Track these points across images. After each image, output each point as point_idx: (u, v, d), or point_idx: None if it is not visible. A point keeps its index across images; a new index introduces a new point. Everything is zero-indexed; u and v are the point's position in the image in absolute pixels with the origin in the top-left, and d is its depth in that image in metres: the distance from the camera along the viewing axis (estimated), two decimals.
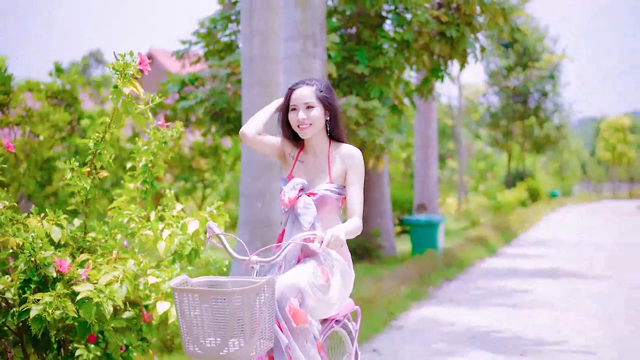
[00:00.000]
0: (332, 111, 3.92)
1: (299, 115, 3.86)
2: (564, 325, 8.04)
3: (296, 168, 4.00)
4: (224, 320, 3.28)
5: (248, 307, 3.26)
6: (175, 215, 5.80)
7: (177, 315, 3.44)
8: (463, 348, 7.08)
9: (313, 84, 3.93)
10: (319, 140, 3.96)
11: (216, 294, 3.27)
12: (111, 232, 5.45)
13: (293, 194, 3.87)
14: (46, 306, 4.72)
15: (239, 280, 3.58)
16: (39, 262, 5.02)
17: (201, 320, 3.33)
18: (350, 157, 3.89)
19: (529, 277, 11.75)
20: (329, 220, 3.90)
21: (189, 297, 3.33)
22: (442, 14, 10.88)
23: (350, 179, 3.87)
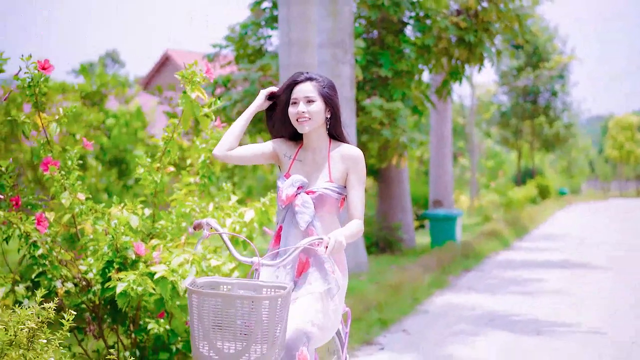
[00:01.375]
0: (333, 108, 3.83)
1: (299, 108, 3.76)
2: (575, 310, 8.73)
3: (294, 167, 3.89)
4: (249, 325, 3.16)
5: (274, 313, 3.15)
6: (231, 206, 6.50)
7: (192, 318, 3.26)
8: (484, 329, 7.78)
9: (315, 79, 3.83)
10: (318, 138, 3.86)
11: (243, 299, 3.14)
12: (177, 220, 6.16)
13: (291, 190, 3.76)
14: (131, 283, 5.41)
15: (245, 283, 3.43)
16: (120, 246, 5.72)
17: (221, 324, 3.18)
18: (351, 158, 3.81)
19: (542, 268, 12.45)
20: (328, 220, 3.80)
21: (209, 300, 3.17)
22: (461, 21, 11.58)
23: (352, 181, 3.79)
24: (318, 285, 3.69)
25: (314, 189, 3.78)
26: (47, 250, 5.73)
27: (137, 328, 6.01)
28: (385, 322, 7.89)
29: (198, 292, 3.20)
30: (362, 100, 11.72)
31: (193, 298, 3.23)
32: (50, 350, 4.11)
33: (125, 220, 5.69)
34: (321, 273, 3.72)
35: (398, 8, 11.68)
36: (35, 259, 5.73)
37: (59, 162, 5.92)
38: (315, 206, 3.76)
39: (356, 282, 9.40)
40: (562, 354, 6.69)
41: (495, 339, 7.31)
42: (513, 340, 7.23)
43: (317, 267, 3.73)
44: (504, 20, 11.74)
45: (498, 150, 40.95)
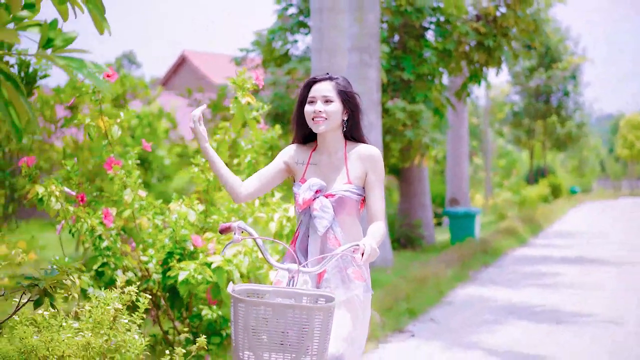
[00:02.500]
0: (351, 110, 3.68)
1: (316, 107, 3.61)
2: (592, 302, 9.23)
3: (309, 171, 3.73)
4: (299, 336, 3.02)
5: (326, 324, 3.02)
6: (276, 202, 7.04)
7: (235, 326, 3.09)
8: (506, 318, 8.30)
9: (335, 79, 3.70)
10: (334, 139, 3.70)
11: (294, 308, 2.99)
12: (228, 215, 6.70)
13: (308, 194, 3.59)
14: (191, 272, 5.96)
15: (283, 291, 3.28)
16: (179, 238, 6.26)
17: (269, 335, 3.03)
18: (370, 158, 3.67)
19: (558, 263, 12.96)
20: (348, 223, 3.64)
21: (258, 309, 3.00)
22: (481, 26, 12.10)
23: (372, 181, 3.65)
24: (339, 294, 3.50)
25: (333, 191, 3.62)
26: (111, 243, 6.28)
27: (190, 314, 6.56)
28: (414, 312, 8.40)
29: (245, 300, 3.01)
30: (385, 103, 12.25)
31: (239, 307, 3.04)
32: (132, 330, 4.63)
33: (184, 215, 6.23)
34: (341, 279, 3.56)
35: (420, 14, 12.21)
36: (100, 251, 6.29)
37: (121, 161, 6.48)
38: (335, 210, 3.60)
39: (384, 276, 9.93)
40: (580, 341, 7.21)
41: (517, 327, 7.83)
42: (533, 329, 7.74)
43: (334, 273, 3.55)
44: (521, 25, 12.24)
45: (510, 150, 41.39)
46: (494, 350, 6.85)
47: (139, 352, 4.59)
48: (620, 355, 6.70)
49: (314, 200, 3.60)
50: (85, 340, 4.38)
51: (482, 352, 6.77)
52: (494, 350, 6.83)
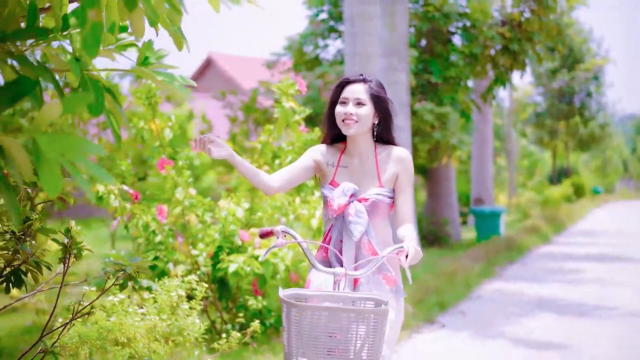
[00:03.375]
0: (383, 114, 3.62)
1: (347, 109, 3.55)
2: (615, 296, 9.61)
3: (339, 174, 3.67)
4: (355, 341, 2.97)
5: (381, 327, 2.97)
6: (316, 200, 7.49)
7: (289, 332, 3.01)
8: (532, 311, 8.70)
9: (369, 81, 3.64)
10: (364, 142, 3.65)
11: (349, 312, 2.95)
12: (271, 212, 7.15)
13: (343, 200, 3.52)
14: (241, 264, 6.42)
15: (331, 295, 3.21)
16: (228, 234, 6.72)
17: (324, 340, 2.97)
18: (401, 160, 3.63)
19: (581, 260, 13.32)
20: (381, 227, 3.62)
21: (313, 314, 2.94)
22: (506, 31, 12.50)
23: (402, 184, 3.62)
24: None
25: (366, 196, 3.57)
26: (164, 238, 6.76)
27: (236, 305, 7.03)
28: (443, 304, 8.82)
29: (299, 305, 2.95)
30: (413, 105, 12.68)
31: (292, 312, 2.97)
32: (192, 315, 5.09)
33: (233, 212, 6.70)
34: (375, 284, 3.53)
35: (447, 19, 12.64)
36: (154, 245, 6.77)
37: (172, 161, 6.96)
38: (368, 214, 3.55)
39: (414, 271, 10.36)
40: (605, 332, 7.60)
41: (543, 319, 8.22)
42: (558, 321, 8.14)
43: (368, 278, 3.52)
44: (545, 29, 12.63)
45: (532, 150, 41.61)
46: (521, 340, 7.26)
47: (198, 336, 5.04)
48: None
49: (347, 205, 3.54)
50: (152, 324, 4.84)
51: (509, 342, 7.17)
52: (521, 340, 7.23)
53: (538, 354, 6.74)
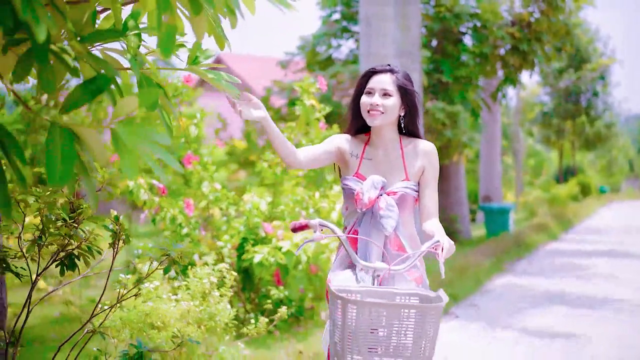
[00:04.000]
0: (409, 106, 3.55)
1: (373, 99, 3.49)
2: (623, 290, 9.87)
3: (363, 166, 3.59)
4: (411, 338, 2.89)
5: (436, 323, 2.90)
6: (335, 194, 7.77)
7: (343, 330, 2.91)
8: (543, 304, 8.97)
9: (397, 72, 3.56)
10: (389, 134, 3.58)
11: (410, 308, 2.87)
12: (293, 206, 7.43)
13: (374, 193, 3.43)
14: (265, 255, 6.70)
15: (374, 291, 3.16)
16: (252, 226, 7.00)
17: (380, 338, 2.91)
18: (428, 154, 3.57)
19: (589, 257, 13.58)
20: (408, 221, 3.55)
21: (371, 310, 2.86)
22: (516, 31, 12.77)
23: (428, 178, 3.56)
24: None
25: (394, 189, 3.50)
26: (191, 230, 7.04)
27: (258, 295, 7.31)
28: (456, 297, 9.09)
29: (358, 302, 2.87)
30: (425, 104, 12.96)
31: (349, 308, 2.87)
32: (223, 301, 5.37)
33: (257, 205, 6.98)
34: (404, 280, 3.44)
35: (458, 20, 12.92)
36: (181, 237, 7.05)
37: (198, 157, 7.25)
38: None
39: (427, 265, 10.64)
40: (612, 324, 7.86)
41: (552, 312, 8.49)
42: (567, 313, 8.40)
43: (394, 274, 3.39)
44: (553, 29, 12.90)
45: (539, 150, 41.85)
46: (531, 331, 7.52)
47: (227, 321, 5.32)
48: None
49: (378, 199, 3.46)
50: (186, 309, 5.12)
51: (520, 333, 7.44)
52: (531, 331, 7.50)
53: (547, 344, 7.02)
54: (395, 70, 3.57)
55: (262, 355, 5.98)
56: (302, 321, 7.37)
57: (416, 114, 3.59)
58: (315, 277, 7.45)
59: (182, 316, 5.09)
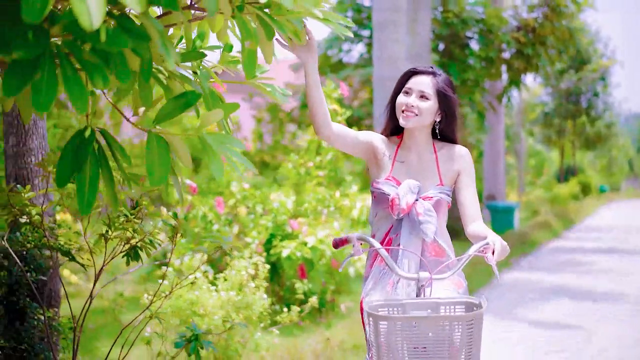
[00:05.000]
0: (446, 112, 3.42)
1: (409, 100, 3.36)
2: (625, 285, 10.36)
3: (396, 169, 3.47)
4: (452, 350, 2.81)
5: (478, 333, 2.82)
6: (354, 193, 8.23)
7: (378, 348, 2.84)
8: (550, 296, 9.45)
9: (438, 75, 3.44)
10: (423, 138, 3.47)
11: (444, 320, 2.79)
12: (316, 204, 7.88)
13: (411, 198, 3.32)
14: (293, 250, 7.15)
15: (418, 302, 3.02)
16: (279, 223, 7.46)
17: (418, 353, 2.83)
18: (462, 158, 3.47)
19: (591, 253, 14.07)
20: (443, 228, 3.46)
21: (403, 324, 2.79)
22: (521, 36, 13.26)
23: (465, 181, 3.44)
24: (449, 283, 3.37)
25: (430, 194, 3.38)
26: (221, 227, 7.50)
27: (283, 288, 7.76)
28: (469, 291, 9.56)
29: (388, 317, 2.81)
30: None
31: (380, 325, 2.80)
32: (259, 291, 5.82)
33: (284, 203, 7.44)
34: (442, 285, 3.32)
35: (465, 25, 13.39)
36: (211, 234, 7.50)
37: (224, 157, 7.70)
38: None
39: None
40: (615, 316, 8.34)
41: (557, 305, 8.97)
42: (573, 306, 8.88)
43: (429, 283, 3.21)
44: (557, 33, 13.39)
45: (539, 149, 42.31)
46: (539, 322, 8.00)
47: (262, 310, 5.78)
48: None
49: (415, 204, 3.33)
50: (226, 298, 5.58)
51: (529, 324, 7.92)
52: (539, 322, 7.98)
53: (555, 334, 7.50)
54: (437, 73, 3.45)
55: (292, 343, 6.43)
56: (324, 313, 7.82)
57: (453, 120, 3.46)
58: (336, 272, 7.91)
59: (222, 305, 5.55)
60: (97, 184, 2.43)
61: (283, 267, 7.25)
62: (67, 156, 2.30)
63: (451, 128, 3.49)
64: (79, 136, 2.31)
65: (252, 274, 5.75)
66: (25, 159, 5.14)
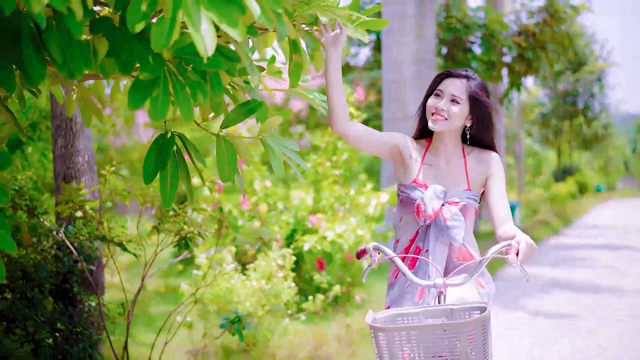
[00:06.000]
0: (477, 118, 3.35)
1: (440, 103, 3.31)
2: (624, 278, 10.90)
3: (423, 172, 3.40)
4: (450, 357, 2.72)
5: (480, 339, 2.72)
6: (368, 191, 8.72)
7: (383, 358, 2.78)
8: (551, 289, 9.97)
9: (471, 79, 3.36)
10: (452, 142, 3.40)
11: (442, 328, 2.70)
12: (333, 201, 8.38)
13: (437, 203, 3.26)
14: (314, 243, 7.64)
15: (432, 310, 2.97)
16: (299, 218, 7.95)
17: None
18: (491, 161, 3.39)
19: (590, 249, 14.64)
20: (470, 233, 3.39)
21: (401, 335, 2.72)
22: (522, 40, 13.80)
23: (495, 184, 3.37)
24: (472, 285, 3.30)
25: (457, 199, 3.32)
26: (245, 222, 8.00)
27: (302, 279, 8.26)
28: None
29: (384, 328, 2.74)
30: None
31: (379, 337, 2.76)
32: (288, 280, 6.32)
33: (304, 200, 7.94)
34: (465, 289, 3.24)
35: (468, 30, 13.92)
36: (237, 229, 8.00)
37: None
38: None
39: None
40: (615, 307, 8.87)
41: (559, 296, 9.49)
42: (573, 298, 9.40)
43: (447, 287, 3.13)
44: (557, 39, 13.94)
45: (537, 149, 42.88)
46: (541, 312, 8.52)
47: (289, 298, 6.27)
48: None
49: (441, 209, 3.27)
50: (258, 287, 6.08)
51: (531, 314, 8.43)
52: (541, 312, 8.49)
53: (556, 323, 8.02)
54: (471, 77, 3.38)
55: (315, 329, 6.92)
56: (340, 303, 8.31)
57: (487, 126, 3.39)
58: (351, 265, 8.41)
59: (254, 293, 6.05)
60: (177, 180, 2.88)
61: (304, 260, 7.73)
62: (151, 156, 2.72)
63: (485, 133, 3.41)
64: (161, 139, 2.72)
65: (281, 265, 6.26)
66: (73, 159, 5.60)
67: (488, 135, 3.42)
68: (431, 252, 3.27)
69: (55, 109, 5.45)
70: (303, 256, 7.69)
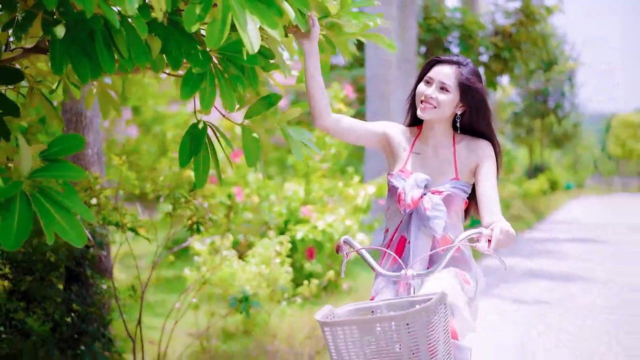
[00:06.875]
0: (469, 105, 3.23)
1: (428, 90, 3.19)
2: (595, 269, 11.47)
3: (411, 161, 3.30)
4: (395, 353, 2.64)
5: (422, 332, 2.60)
6: (356, 183, 9.09)
7: (333, 356, 2.71)
8: (529, 279, 10.50)
9: (462, 65, 3.22)
10: (441, 131, 3.28)
11: (381, 321, 2.61)
12: (322, 193, 8.74)
13: (417, 192, 3.15)
14: (306, 232, 8.01)
15: (395, 302, 2.91)
16: (292, 209, 8.31)
17: (364, 357, 2.67)
18: (481, 149, 3.25)
19: (563, 242, 15.25)
20: (456, 225, 3.24)
21: (344, 329, 2.64)
22: (498, 40, 14.32)
23: (483, 173, 3.21)
24: (452, 269, 3.18)
25: (441, 188, 3.20)
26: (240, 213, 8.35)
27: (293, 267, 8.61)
28: None
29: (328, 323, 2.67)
30: None
31: (326, 332, 2.68)
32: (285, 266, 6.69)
33: (297, 192, 8.31)
34: (445, 277, 3.09)
35: (447, 30, 14.41)
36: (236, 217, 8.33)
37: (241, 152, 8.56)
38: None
39: None
40: (588, 293, 9.39)
41: (535, 285, 10.00)
42: (548, 285, 9.92)
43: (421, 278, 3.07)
44: (531, 39, 14.48)
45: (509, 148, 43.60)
46: (519, 299, 9.01)
47: (285, 283, 6.64)
48: (616, 301, 8.91)
49: (422, 198, 3.16)
50: (257, 271, 6.45)
51: (510, 301, 8.90)
52: (519, 299, 8.98)
53: (531, 308, 8.51)
54: (462, 63, 3.24)
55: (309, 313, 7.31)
56: (328, 291, 8.68)
57: (481, 113, 3.26)
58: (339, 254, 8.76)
59: (254, 277, 6.41)
60: (208, 165, 3.21)
61: (297, 249, 8.09)
62: (185, 143, 3.01)
63: (480, 121, 3.28)
64: (194, 127, 3.02)
65: (278, 251, 6.63)
66: (83, 151, 5.93)
67: (483, 122, 3.29)
68: (412, 242, 3.18)
69: (65, 103, 5.76)
70: (296, 245, 8.05)
